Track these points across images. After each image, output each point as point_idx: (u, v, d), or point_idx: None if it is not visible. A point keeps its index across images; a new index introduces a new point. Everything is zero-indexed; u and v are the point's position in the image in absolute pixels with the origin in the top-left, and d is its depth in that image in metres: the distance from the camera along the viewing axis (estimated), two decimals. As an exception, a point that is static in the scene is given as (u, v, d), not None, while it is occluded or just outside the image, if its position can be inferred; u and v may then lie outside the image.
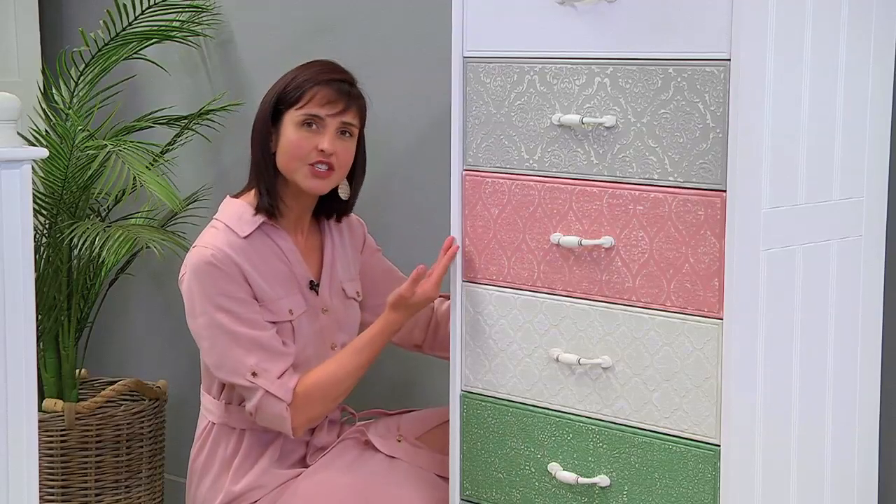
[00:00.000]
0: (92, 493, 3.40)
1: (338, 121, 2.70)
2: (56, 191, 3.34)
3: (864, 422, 2.46)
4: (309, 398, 2.66)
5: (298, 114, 2.69)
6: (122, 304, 3.85)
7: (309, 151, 2.68)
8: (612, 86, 2.27)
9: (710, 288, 2.18)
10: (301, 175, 2.70)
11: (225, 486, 2.75)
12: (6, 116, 2.19)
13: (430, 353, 2.95)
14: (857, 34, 2.32)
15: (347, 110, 2.71)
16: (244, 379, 2.64)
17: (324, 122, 2.69)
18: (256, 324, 2.66)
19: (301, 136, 2.69)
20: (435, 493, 2.67)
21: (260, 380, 2.64)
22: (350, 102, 2.72)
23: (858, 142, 2.36)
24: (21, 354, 2.20)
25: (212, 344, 2.67)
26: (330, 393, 2.68)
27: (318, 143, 2.68)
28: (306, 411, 2.67)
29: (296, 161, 2.69)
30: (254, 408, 2.66)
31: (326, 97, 2.70)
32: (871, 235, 2.41)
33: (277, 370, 2.65)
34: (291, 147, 2.69)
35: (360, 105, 2.75)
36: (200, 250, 2.68)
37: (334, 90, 2.70)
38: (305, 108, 2.69)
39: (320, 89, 2.70)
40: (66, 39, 3.90)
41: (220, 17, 3.53)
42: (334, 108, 2.69)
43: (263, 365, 2.64)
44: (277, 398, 2.64)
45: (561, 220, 2.36)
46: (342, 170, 2.73)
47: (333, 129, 2.70)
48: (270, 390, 2.64)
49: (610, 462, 2.33)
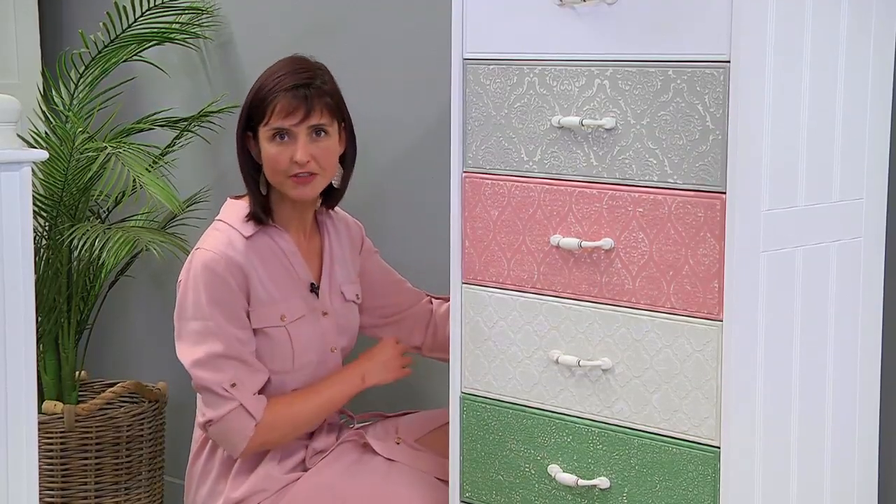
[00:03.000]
0: (91, 494, 3.40)
1: (304, 126, 2.67)
2: (56, 193, 3.34)
3: (864, 423, 2.46)
4: (273, 425, 2.67)
5: (267, 129, 2.68)
6: (122, 306, 3.85)
7: (286, 164, 2.68)
8: (612, 87, 2.27)
9: (709, 290, 2.18)
10: (287, 187, 2.70)
11: (224, 492, 2.74)
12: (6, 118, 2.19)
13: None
14: (856, 35, 2.32)
15: (310, 114, 2.67)
16: (220, 387, 2.64)
17: (291, 132, 2.68)
18: (240, 337, 2.67)
19: (275, 150, 2.68)
20: (434, 495, 2.67)
21: (237, 392, 2.64)
22: (311, 105, 2.67)
23: (858, 143, 2.36)
24: (21, 356, 2.20)
25: (193, 346, 2.67)
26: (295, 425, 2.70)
27: (292, 154, 2.67)
28: (266, 436, 2.67)
29: (278, 175, 2.69)
30: (217, 417, 2.65)
31: (285, 108, 2.66)
32: (870, 237, 2.41)
33: (254, 387, 2.66)
34: (270, 162, 2.69)
35: (325, 102, 2.70)
36: (202, 253, 2.68)
37: (291, 98, 2.66)
38: (271, 123, 2.68)
39: (279, 100, 2.66)
40: (65, 41, 3.90)
41: (219, 19, 3.53)
42: (296, 116, 2.66)
43: (241, 378, 2.64)
44: (249, 415, 2.64)
45: (561, 222, 2.36)
46: (326, 170, 2.71)
47: (304, 136, 2.67)
48: (246, 405, 2.64)
49: (610, 464, 2.33)
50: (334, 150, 2.73)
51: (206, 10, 3.52)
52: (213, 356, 2.64)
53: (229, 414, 2.64)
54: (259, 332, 2.70)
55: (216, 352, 2.64)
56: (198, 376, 2.66)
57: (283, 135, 2.67)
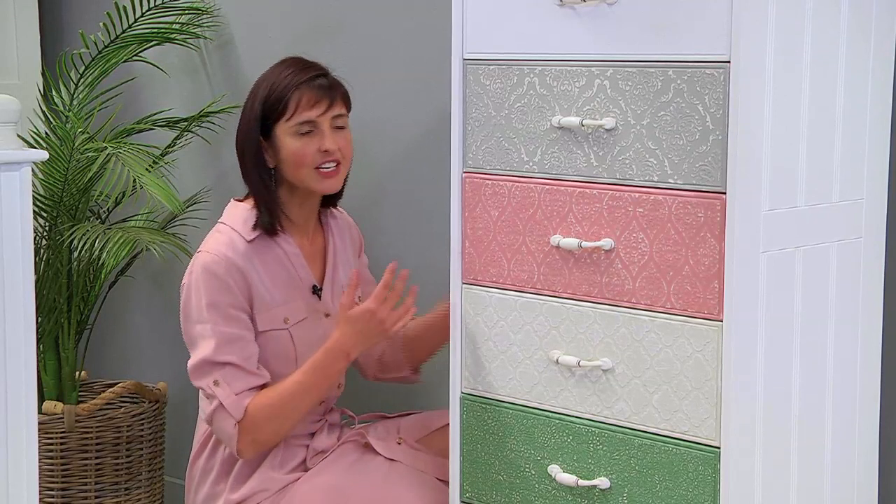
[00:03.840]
0: (92, 495, 3.40)
1: (329, 117, 2.70)
2: (56, 193, 3.34)
3: (864, 423, 2.46)
4: (255, 420, 2.65)
5: (290, 124, 2.69)
6: (122, 307, 3.85)
7: (314, 156, 2.69)
8: (612, 88, 2.27)
9: (709, 290, 2.18)
10: (311, 180, 2.70)
11: (225, 492, 2.75)
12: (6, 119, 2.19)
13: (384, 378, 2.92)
14: (856, 36, 2.32)
15: (333, 104, 2.71)
16: (207, 386, 2.65)
17: (317, 123, 2.69)
18: (237, 339, 2.66)
19: (301, 143, 2.69)
20: (435, 495, 2.66)
21: (219, 390, 2.64)
22: (333, 95, 2.71)
23: (858, 144, 2.36)
24: (21, 357, 2.20)
25: (196, 347, 2.67)
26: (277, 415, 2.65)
27: (319, 145, 2.69)
28: (252, 432, 2.65)
29: (303, 169, 2.69)
30: (209, 417, 2.67)
31: (311, 100, 2.69)
32: (870, 237, 2.41)
33: (239, 387, 2.65)
34: (295, 157, 2.69)
35: (342, 92, 2.75)
36: (204, 256, 2.69)
37: (315, 90, 2.70)
38: (295, 117, 2.68)
39: (302, 94, 2.69)
40: (66, 42, 3.90)
41: (219, 20, 3.53)
42: (322, 107, 2.69)
43: (228, 378, 2.64)
44: (228, 414, 2.64)
45: (561, 223, 2.36)
46: (347, 161, 2.75)
47: (328, 127, 2.70)
48: (225, 404, 2.63)
49: (610, 464, 2.33)
50: (351, 141, 2.76)
51: (206, 10, 3.52)
52: (207, 357, 2.64)
53: (214, 413, 2.65)
54: (262, 334, 2.70)
55: (209, 353, 2.64)
56: (193, 375, 2.68)
57: (308, 128, 2.69)
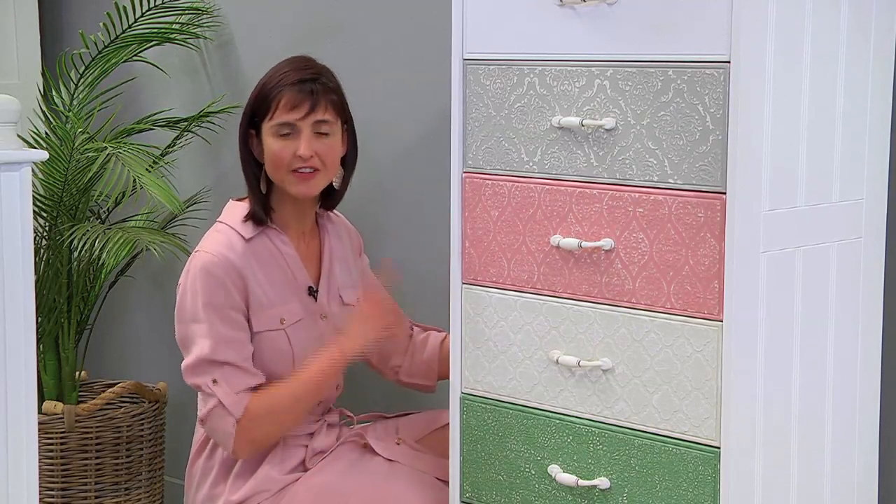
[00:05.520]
0: (91, 495, 3.40)
1: (309, 121, 2.69)
2: (56, 193, 3.34)
3: (865, 423, 2.46)
4: (254, 419, 2.64)
5: (271, 124, 2.69)
6: (122, 307, 3.85)
7: (289, 159, 2.68)
8: (612, 88, 2.27)
9: (709, 290, 2.18)
10: (288, 183, 2.71)
11: (224, 493, 2.74)
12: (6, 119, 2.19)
13: (407, 381, 2.92)
14: (856, 35, 2.32)
15: (315, 108, 2.69)
16: (206, 384, 2.65)
17: (296, 126, 2.69)
18: (233, 339, 2.66)
19: (279, 145, 2.69)
20: (434, 495, 2.66)
21: (218, 389, 2.64)
22: (317, 100, 2.69)
23: (858, 144, 2.36)
24: (21, 357, 2.20)
25: (190, 347, 2.67)
26: (276, 415, 2.66)
27: (295, 149, 2.68)
28: (251, 431, 2.65)
29: (280, 171, 2.70)
30: (205, 415, 2.66)
31: (291, 102, 2.68)
32: (870, 237, 2.41)
33: (238, 386, 2.65)
34: (273, 158, 2.70)
35: (331, 99, 2.72)
36: (202, 255, 2.69)
37: (297, 92, 2.68)
38: (276, 118, 2.68)
39: (284, 95, 2.68)
40: (65, 42, 3.90)
41: (219, 20, 3.53)
42: (301, 110, 2.68)
43: (227, 377, 2.64)
44: (228, 412, 2.64)
45: (561, 223, 2.36)
46: (328, 168, 2.72)
47: (308, 131, 2.69)
48: (224, 402, 2.63)
49: (610, 464, 2.33)
50: (337, 149, 2.73)
51: (206, 10, 3.52)
52: (204, 356, 2.64)
53: (212, 411, 2.65)
54: (259, 335, 2.70)
55: (207, 352, 2.64)
56: (189, 374, 2.67)
57: (287, 130, 2.68)
